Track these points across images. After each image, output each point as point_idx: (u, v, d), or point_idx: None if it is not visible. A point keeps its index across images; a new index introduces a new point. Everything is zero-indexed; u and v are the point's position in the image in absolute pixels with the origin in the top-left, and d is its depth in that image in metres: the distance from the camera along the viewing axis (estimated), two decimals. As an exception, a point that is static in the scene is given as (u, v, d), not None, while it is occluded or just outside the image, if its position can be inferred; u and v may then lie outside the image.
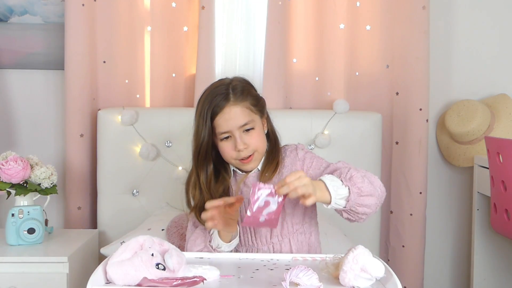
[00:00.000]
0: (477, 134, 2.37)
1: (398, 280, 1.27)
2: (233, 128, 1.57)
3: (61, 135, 2.50)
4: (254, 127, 1.60)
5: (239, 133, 1.58)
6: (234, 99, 1.58)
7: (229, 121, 1.57)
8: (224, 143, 1.60)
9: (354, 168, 1.53)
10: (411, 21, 2.38)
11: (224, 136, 1.59)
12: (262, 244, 1.64)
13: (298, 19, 2.44)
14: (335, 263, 1.36)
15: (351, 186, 1.46)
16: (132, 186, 2.32)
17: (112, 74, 2.43)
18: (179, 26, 2.43)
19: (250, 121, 1.59)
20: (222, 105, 1.57)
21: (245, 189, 1.65)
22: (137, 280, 1.25)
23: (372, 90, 2.45)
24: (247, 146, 1.58)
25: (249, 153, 1.60)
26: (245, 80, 1.66)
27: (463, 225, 2.59)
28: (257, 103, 1.63)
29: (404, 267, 2.43)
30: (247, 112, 1.59)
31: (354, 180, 1.47)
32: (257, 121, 1.62)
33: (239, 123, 1.57)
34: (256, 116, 1.62)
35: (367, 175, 1.53)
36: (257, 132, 1.61)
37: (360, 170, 1.54)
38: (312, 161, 1.66)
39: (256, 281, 1.35)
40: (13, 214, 1.99)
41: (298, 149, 1.69)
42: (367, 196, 1.48)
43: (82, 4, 2.33)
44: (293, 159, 1.67)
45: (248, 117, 1.59)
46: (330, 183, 1.46)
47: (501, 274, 2.39)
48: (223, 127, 1.57)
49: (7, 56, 2.49)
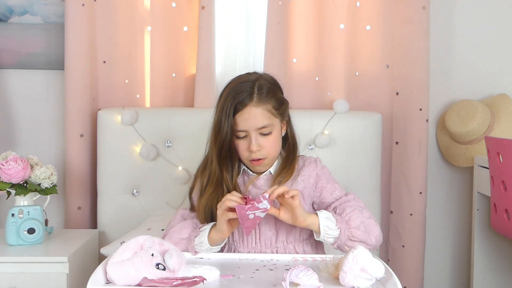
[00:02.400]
0: (477, 134, 2.37)
1: (398, 280, 1.27)
2: (250, 128, 1.58)
3: (61, 135, 2.50)
4: (272, 132, 1.60)
5: (255, 134, 1.58)
6: (257, 99, 1.57)
7: (248, 121, 1.57)
8: (239, 141, 1.61)
9: (359, 210, 1.56)
10: (411, 21, 2.38)
11: (241, 134, 1.59)
12: (266, 247, 1.64)
13: (298, 19, 2.44)
14: (335, 263, 1.37)
15: (343, 230, 1.51)
16: (132, 186, 2.32)
17: (112, 74, 2.43)
18: (179, 26, 2.43)
19: (269, 124, 1.59)
20: (244, 104, 1.56)
21: (254, 190, 1.66)
22: (137, 280, 1.25)
23: (372, 90, 2.45)
24: (261, 149, 1.59)
25: (261, 156, 1.61)
26: (272, 80, 1.66)
27: (463, 225, 2.59)
28: (280, 107, 1.62)
29: (404, 267, 2.43)
30: (268, 115, 1.59)
31: (351, 223, 1.52)
32: (276, 125, 1.62)
33: (257, 125, 1.58)
34: (276, 120, 1.62)
35: (367, 222, 1.56)
36: (274, 137, 1.61)
37: (365, 213, 1.57)
38: (328, 182, 1.68)
39: (256, 281, 1.35)
40: (13, 214, 1.99)
41: (317, 163, 1.71)
42: (357, 242, 1.52)
43: (82, 4, 2.33)
44: (311, 172, 1.69)
45: (267, 120, 1.59)
46: (323, 222, 1.52)
47: (501, 274, 2.39)
48: (241, 125, 1.58)
49: (7, 56, 2.48)
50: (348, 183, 2.29)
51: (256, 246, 1.64)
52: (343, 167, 2.29)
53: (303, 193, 1.66)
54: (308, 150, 2.29)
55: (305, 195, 1.66)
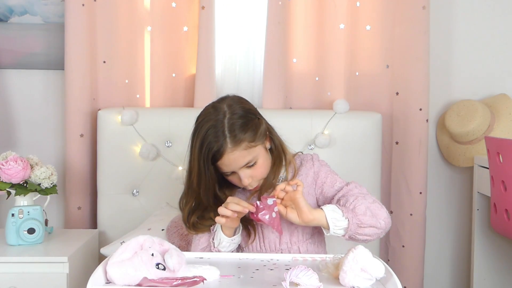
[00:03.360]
0: (477, 134, 2.37)
1: (398, 280, 1.27)
2: (235, 169, 1.57)
3: (61, 135, 2.50)
4: (257, 161, 1.59)
5: (242, 170, 1.57)
6: (231, 145, 1.53)
7: (230, 165, 1.56)
8: (230, 177, 1.61)
9: (362, 196, 1.55)
10: (411, 21, 2.38)
11: (228, 173, 1.59)
12: (271, 250, 1.64)
13: (298, 19, 2.44)
14: (335, 263, 1.36)
15: (351, 218, 1.49)
16: (132, 186, 2.32)
17: (112, 74, 2.43)
18: (179, 26, 2.43)
19: (252, 159, 1.57)
20: (221, 153, 1.53)
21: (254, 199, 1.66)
22: (137, 280, 1.25)
23: (372, 90, 2.45)
24: (252, 178, 1.59)
25: (256, 183, 1.61)
26: (242, 109, 1.58)
27: (463, 225, 2.59)
28: (256, 135, 1.58)
29: (404, 267, 2.43)
30: (247, 152, 1.56)
31: (356, 211, 1.51)
32: (259, 151, 1.59)
33: (240, 165, 1.56)
34: (256, 147, 1.58)
35: (372, 206, 1.55)
36: (261, 163, 1.60)
37: (368, 198, 1.56)
38: (327, 176, 1.68)
39: (256, 281, 1.35)
40: (13, 214, 1.99)
41: (314, 159, 1.70)
42: (368, 227, 1.51)
43: (82, 4, 2.33)
44: (308, 169, 1.68)
45: (248, 156, 1.56)
46: (330, 214, 1.50)
47: (501, 274, 2.39)
48: (226, 169, 1.57)
49: (7, 56, 2.48)
50: (348, 183, 2.30)
51: (260, 249, 1.65)
52: (343, 167, 2.28)
53: (303, 192, 1.66)
54: (308, 150, 2.29)
55: (305, 194, 1.66)
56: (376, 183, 2.33)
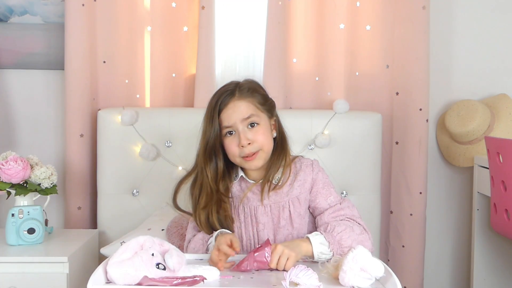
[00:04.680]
0: (477, 134, 2.37)
1: (397, 280, 1.27)
2: (236, 121, 1.57)
3: (61, 135, 2.50)
4: (259, 123, 1.59)
5: (243, 128, 1.58)
6: (239, 94, 1.59)
7: (233, 114, 1.57)
8: (228, 139, 1.60)
9: (350, 228, 1.56)
10: (411, 21, 2.38)
11: (228, 130, 1.59)
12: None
13: (298, 19, 2.44)
14: (335, 263, 1.37)
15: (336, 250, 1.51)
16: (132, 186, 2.32)
17: (112, 74, 2.43)
18: (179, 26, 2.43)
19: (254, 115, 1.59)
20: (227, 101, 1.58)
21: (253, 196, 1.66)
22: (137, 280, 1.25)
23: (372, 90, 2.45)
24: (251, 142, 1.58)
25: (254, 149, 1.59)
26: (254, 81, 1.68)
27: (463, 225, 2.59)
28: (265, 102, 1.63)
29: (404, 267, 2.43)
30: (252, 107, 1.59)
31: (342, 243, 1.52)
32: (263, 118, 1.62)
33: (242, 116, 1.57)
34: (263, 114, 1.62)
35: (359, 238, 1.56)
36: (263, 129, 1.60)
37: (356, 229, 1.57)
38: (324, 187, 1.68)
39: (256, 281, 1.35)
40: (13, 214, 1.99)
41: (313, 166, 1.71)
42: None
43: (82, 4, 2.33)
44: (306, 176, 1.68)
45: (252, 110, 1.59)
46: (317, 248, 1.50)
47: (501, 274, 2.39)
48: (227, 121, 1.58)
49: (7, 56, 2.48)
50: (348, 183, 2.30)
51: None
52: (343, 167, 2.29)
53: (300, 198, 1.67)
54: (308, 150, 2.29)
55: (301, 200, 1.67)
56: (376, 183, 2.33)
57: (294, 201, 1.66)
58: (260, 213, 1.65)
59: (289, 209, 1.66)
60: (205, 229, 1.64)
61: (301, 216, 1.67)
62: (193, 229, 1.70)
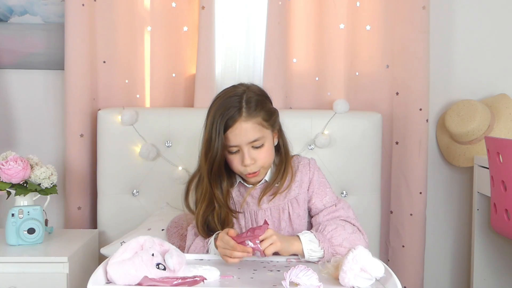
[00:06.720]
0: (477, 134, 2.37)
1: (398, 280, 1.27)
2: (242, 143, 1.57)
3: (61, 135, 2.50)
4: (264, 144, 1.59)
5: (248, 148, 1.57)
6: (246, 114, 1.55)
7: (239, 136, 1.56)
8: (232, 156, 1.60)
9: (341, 227, 1.57)
10: (411, 21, 2.38)
11: (233, 150, 1.59)
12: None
13: (298, 19, 2.44)
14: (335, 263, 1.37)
15: (327, 248, 1.52)
16: (132, 186, 2.32)
17: (112, 74, 2.43)
18: (179, 26, 2.43)
19: (260, 137, 1.58)
20: (234, 119, 1.55)
21: (252, 201, 1.67)
22: (138, 280, 1.25)
23: (372, 90, 2.45)
24: (254, 162, 1.59)
25: (256, 169, 1.60)
26: (260, 91, 1.64)
27: (463, 225, 2.59)
28: (270, 118, 1.61)
29: (404, 267, 2.43)
30: (258, 128, 1.58)
31: (333, 241, 1.54)
32: (268, 136, 1.61)
33: (248, 139, 1.57)
34: (267, 131, 1.61)
35: (351, 237, 1.57)
36: (266, 148, 1.60)
37: (348, 228, 1.58)
38: (319, 188, 1.69)
39: (256, 281, 1.35)
40: (13, 214, 1.99)
41: (310, 166, 1.71)
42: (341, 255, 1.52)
43: (82, 4, 2.33)
44: (303, 176, 1.69)
45: (258, 133, 1.58)
46: (307, 245, 1.52)
47: (501, 274, 2.39)
48: (233, 141, 1.57)
49: (7, 56, 2.49)
50: (348, 183, 2.30)
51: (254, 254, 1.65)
52: (343, 167, 2.29)
53: (298, 199, 1.68)
54: (308, 150, 2.29)
55: (300, 200, 1.68)
56: (376, 183, 2.33)
57: (293, 202, 1.67)
58: (260, 217, 1.66)
59: (288, 210, 1.66)
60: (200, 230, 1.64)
61: (301, 217, 1.67)
62: (193, 235, 1.70)
